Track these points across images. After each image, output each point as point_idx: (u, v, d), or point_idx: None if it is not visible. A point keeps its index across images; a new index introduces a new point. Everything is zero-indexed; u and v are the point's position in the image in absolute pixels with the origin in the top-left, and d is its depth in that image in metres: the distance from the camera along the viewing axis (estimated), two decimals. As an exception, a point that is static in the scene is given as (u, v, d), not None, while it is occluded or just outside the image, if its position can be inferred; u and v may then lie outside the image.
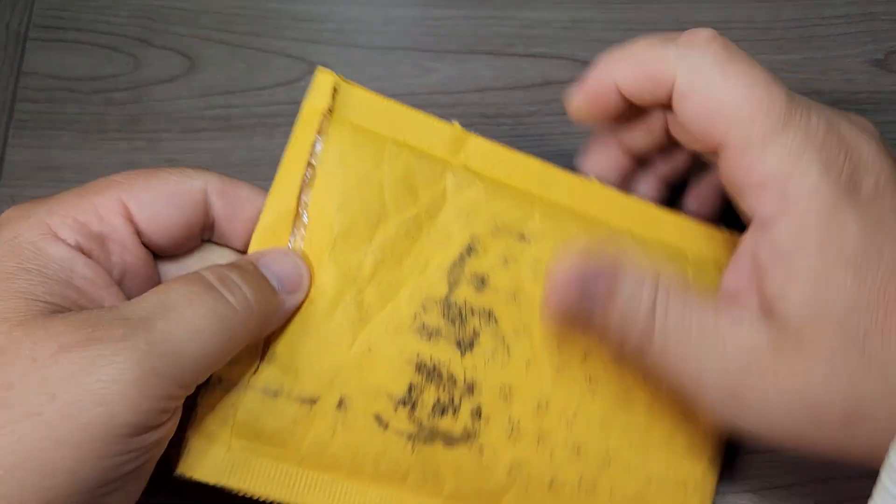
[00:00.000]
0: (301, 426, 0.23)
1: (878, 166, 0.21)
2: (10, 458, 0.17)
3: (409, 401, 0.24)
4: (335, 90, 0.24)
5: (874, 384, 0.20)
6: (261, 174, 0.24)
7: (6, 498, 0.17)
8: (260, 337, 0.23)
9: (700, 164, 0.29)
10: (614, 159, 0.28)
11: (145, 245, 0.23)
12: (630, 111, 0.26)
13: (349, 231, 0.24)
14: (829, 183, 0.21)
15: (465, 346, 0.25)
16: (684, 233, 0.28)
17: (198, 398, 0.22)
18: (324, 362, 0.23)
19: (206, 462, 0.22)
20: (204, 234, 0.24)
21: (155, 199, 0.23)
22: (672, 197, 0.30)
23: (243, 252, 0.24)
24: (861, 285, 0.20)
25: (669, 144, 0.27)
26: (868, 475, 0.20)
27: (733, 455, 0.29)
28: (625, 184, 0.29)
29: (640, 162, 0.28)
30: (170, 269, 0.24)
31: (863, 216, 0.21)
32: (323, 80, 0.24)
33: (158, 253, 0.24)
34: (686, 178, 0.30)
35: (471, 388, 0.24)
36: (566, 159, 0.29)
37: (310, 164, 0.24)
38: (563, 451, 0.25)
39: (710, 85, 0.22)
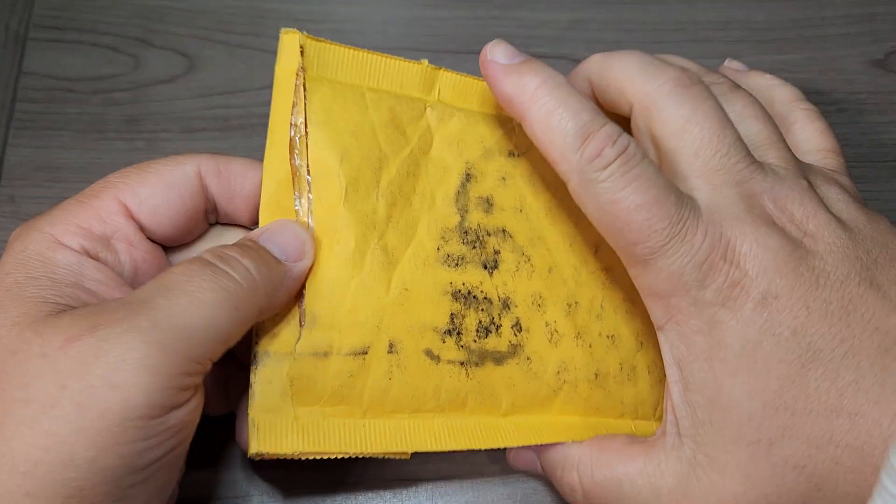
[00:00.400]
0: (358, 379, 0.23)
1: (771, 274, 0.21)
2: (34, 454, 0.18)
3: (453, 330, 0.25)
4: (302, 49, 0.24)
5: (796, 483, 0.21)
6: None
7: (33, 494, 0.18)
8: (273, 307, 0.22)
9: None
10: None
11: (152, 239, 0.23)
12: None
13: (357, 179, 0.24)
14: (709, 295, 0.21)
15: (491, 265, 0.25)
16: None
17: (250, 377, 0.23)
18: (366, 312, 0.23)
19: (276, 436, 0.22)
20: (209, 216, 0.25)
21: (152, 192, 0.23)
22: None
23: (252, 227, 0.25)
24: (752, 395, 0.21)
25: None
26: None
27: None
28: None
29: None
30: (181, 258, 0.24)
31: (747, 325, 0.21)
32: (289, 41, 0.24)
33: (166, 244, 0.24)
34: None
35: (506, 304, 0.25)
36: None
37: (294, 126, 0.24)
38: (601, 343, 0.26)
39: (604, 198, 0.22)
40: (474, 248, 0.25)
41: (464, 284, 0.25)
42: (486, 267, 0.25)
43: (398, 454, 0.24)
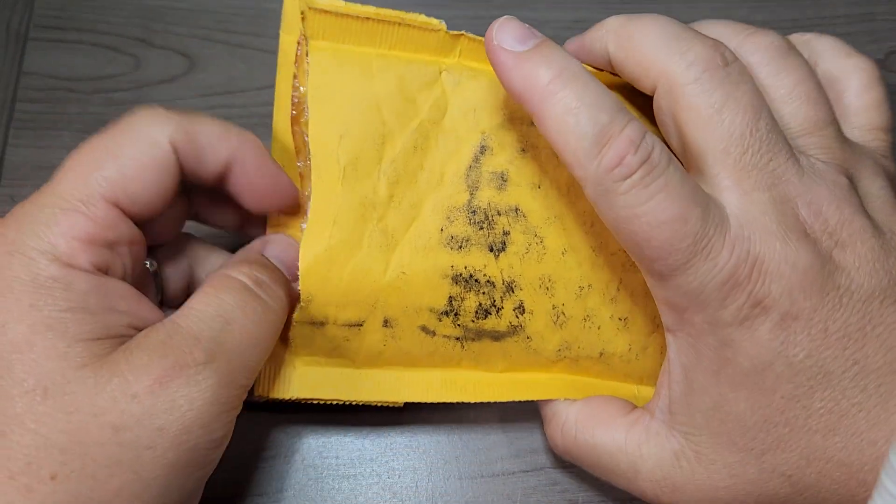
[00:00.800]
0: (353, 342, 0.24)
1: (795, 295, 0.20)
2: (132, 490, 0.19)
3: (451, 311, 0.24)
4: (304, 15, 0.23)
5: (780, 487, 0.21)
6: (261, 174, 0.24)
7: None
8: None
9: None
10: None
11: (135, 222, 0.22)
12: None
13: (357, 158, 0.23)
14: (727, 316, 0.20)
15: (498, 248, 0.24)
16: None
17: None
18: (361, 293, 0.23)
19: (275, 382, 0.24)
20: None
21: (143, 187, 0.21)
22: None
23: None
24: (755, 410, 0.21)
25: None
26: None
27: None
28: None
29: None
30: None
31: (761, 347, 0.20)
32: (292, 7, 0.24)
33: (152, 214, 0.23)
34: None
35: (510, 288, 0.24)
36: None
37: (296, 96, 0.24)
38: (611, 325, 0.25)
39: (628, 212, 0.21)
40: (481, 228, 0.24)
41: (465, 268, 0.24)
42: (492, 249, 0.24)
43: (391, 402, 0.25)
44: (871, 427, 0.20)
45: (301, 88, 0.24)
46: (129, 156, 0.21)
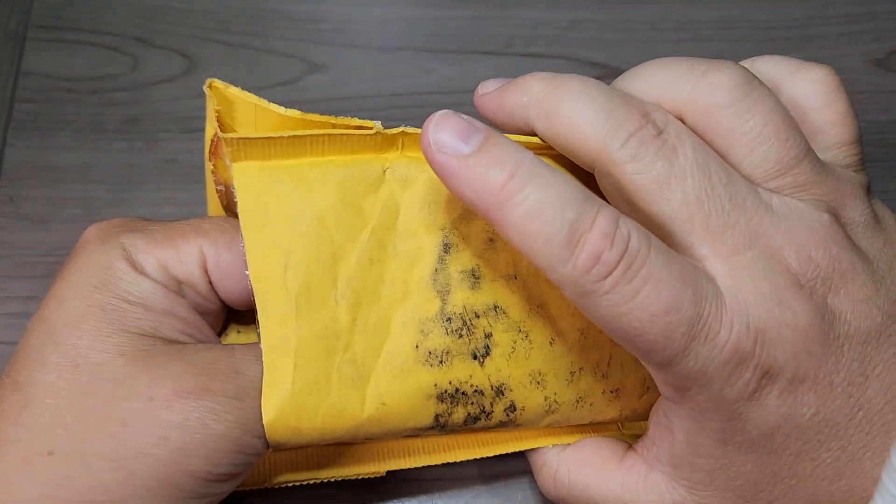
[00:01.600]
0: (328, 446, 0.24)
1: (800, 358, 0.19)
2: (120, 493, 0.18)
3: (437, 426, 0.22)
4: (218, 138, 0.20)
5: None
6: (260, 174, 0.24)
7: None
8: None
9: None
10: None
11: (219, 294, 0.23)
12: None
13: (308, 287, 0.20)
14: (733, 393, 0.19)
15: (482, 354, 0.22)
16: None
17: None
18: (338, 432, 0.21)
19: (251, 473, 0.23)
20: None
21: (233, 260, 0.22)
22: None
23: None
24: (763, 468, 0.20)
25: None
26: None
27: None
28: None
29: None
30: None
31: (769, 414, 0.19)
32: (211, 105, 0.21)
33: (233, 306, 0.24)
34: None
35: (500, 391, 0.22)
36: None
37: (220, 186, 0.23)
38: (602, 399, 0.24)
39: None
40: (461, 336, 0.21)
41: (450, 383, 0.22)
42: (475, 357, 0.22)
43: (372, 473, 0.24)
44: (875, 466, 0.20)
45: (221, 187, 0.23)
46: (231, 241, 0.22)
